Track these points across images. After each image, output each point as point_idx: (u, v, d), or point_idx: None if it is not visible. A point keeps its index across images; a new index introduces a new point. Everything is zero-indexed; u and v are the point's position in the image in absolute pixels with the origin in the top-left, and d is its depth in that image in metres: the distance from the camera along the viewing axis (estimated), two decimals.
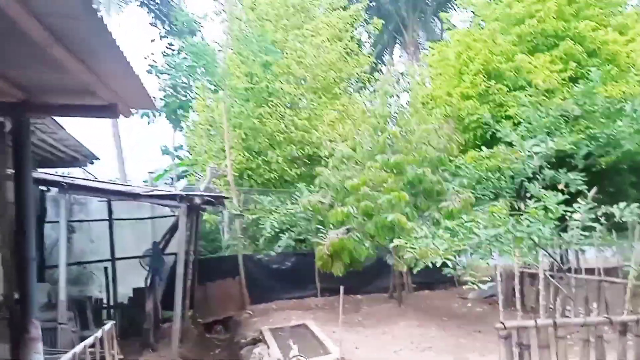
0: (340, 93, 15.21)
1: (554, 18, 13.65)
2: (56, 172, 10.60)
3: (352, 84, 16.73)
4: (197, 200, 10.07)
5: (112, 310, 11.57)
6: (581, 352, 5.74)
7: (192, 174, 17.27)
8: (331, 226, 11.09)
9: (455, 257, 9.14)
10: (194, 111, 16.02)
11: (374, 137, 11.82)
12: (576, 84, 11.93)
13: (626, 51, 13.36)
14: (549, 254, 8.83)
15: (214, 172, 13.08)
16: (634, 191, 12.59)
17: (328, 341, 8.51)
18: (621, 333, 5.93)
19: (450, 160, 12.12)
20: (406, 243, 8.98)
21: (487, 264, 9.03)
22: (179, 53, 18.29)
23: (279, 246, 11.93)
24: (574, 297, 8.84)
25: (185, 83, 15.84)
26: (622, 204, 7.85)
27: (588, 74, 11.80)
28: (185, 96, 15.90)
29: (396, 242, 9.15)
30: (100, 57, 4.12)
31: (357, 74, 16.12)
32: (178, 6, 22.50)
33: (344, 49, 15.61)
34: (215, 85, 15.84)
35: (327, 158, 12.43)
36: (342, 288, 8.54)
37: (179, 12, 20.88)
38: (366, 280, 13.06)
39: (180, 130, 17.00)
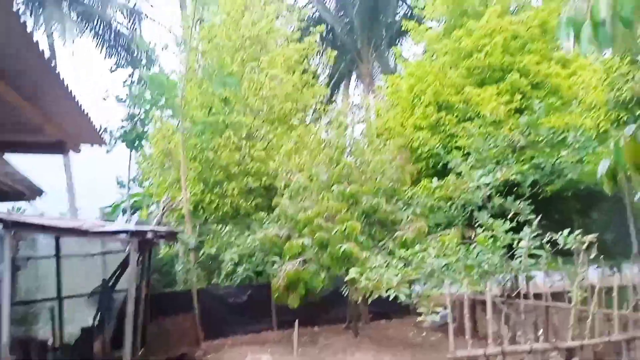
0: (296, 124, 15.34)
1: (500, 52, 14.29)
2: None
3: (308, 115, 16.92)
4: (149, 235, 9.83)
5: (58, 352, 11.04)
6: None
7: (146, 207, 16.94)
8: (288, 257, 11.04)
9: (409, 286, 9.24)
10: (149, 142, 15.82)
11: (330, 167, 11.94)
12: (522, 115, 12.44)
13: (568, 84, 14.05)
14: (499, 281, 9.03)
15: (168, 204, 12.86)
16: (578, 218, 13.10)
17: None
18: (567, 358, 6.08)
19: (404, 190, 12.34)
20: (361, 273, 9.04)
21: (440, 293, 9.15)
22: (138, 83, 18.16)
23: (235, 279, 11.76)
24: (524, 322, 9.01)
25: (145, 113, 15.70)
26: (565, 232, 8.16)
27: (533, 105, 12.34)
28: (143, 127, 15.74)
29: (351, 272, 9.19)
30: (47, 95, 4.08)
31: (313, 104, 16.34)
32: (135, 37, 22.40)
33: (300, 80, 15.83)
34: (173, 116, 15.75)
35: (284, 189, 12.45)
36: (297, 322, 8.46)
37: (140, 41, 20.79)
38: (323, 311, 12.97)
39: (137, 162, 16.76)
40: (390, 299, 8.50)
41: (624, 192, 10.03)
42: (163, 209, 12.74)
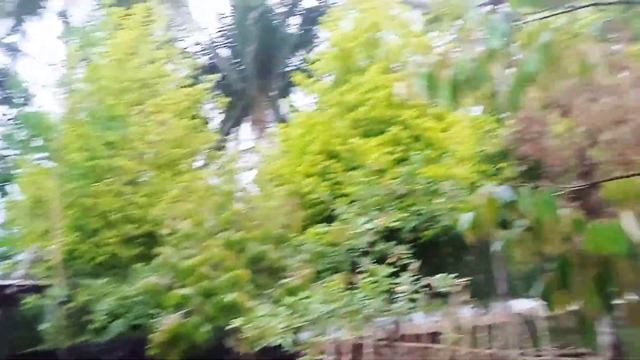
0: (184, 169, 14.98)
1: (383, 106, 15.19)
2: None
3: (198, 160, 16.63)
4: (11, 290, 8.88)
5: None
6: None
7: (10, 257, 15.33)
8: (169, 309, 10.48)
9: (295, 333, 9.15)
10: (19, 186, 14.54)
11: (217, 214, 11.70)
12: (402, 165, 13.20)
13: (443, 137, 15.20)
14: (381, 325, 9.24)
15: (36, 255, 11.75)
16: (453, 261, 13.96)
17: None
18: None
19: (293, 237, 12.40)
20: (246, 323, 8.82)
21: (325, 339, 9.16)
22: (13, 122, 16.80)
23: (109, 334, 10.88)
24: None
25: (17, 154, 14.49)
26: (439, 275, 8.65)
27: (412, 156, 13.16)
28: (15, 169, 14.49)
29: (236, 322, 8.94)
30: None
31: (203, 150, 16.11)
32: (11, 74, 20.91)
33: (190, 125, 15.58)
34: (49, 159, 14.67)
35: (168, 236, 11.95)
36: None
37: (15, 80, 19.39)
38: None
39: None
40: (276, 349, 8.35)
41: (489, 239, 10.91)
42: (31, 260, 11.60)
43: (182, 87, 16.53)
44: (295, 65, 27.18)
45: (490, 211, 2.99)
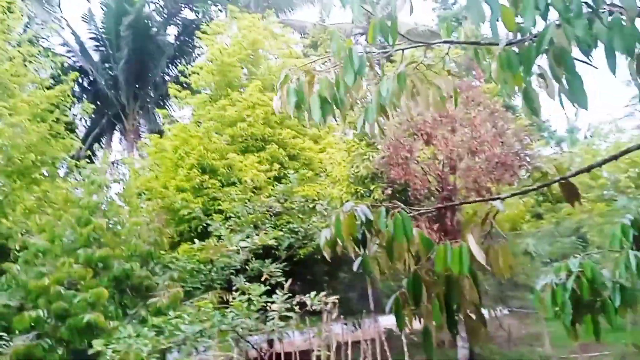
0: (41, 178, 13.60)
1: (262, 124, 15.25)
2: None
3: (57, 169, 15.22)
4: None
5: None
6: None
7: None
8: (18, 332, 9.37)
9: (162, 356, 8.67)
10: None
11: (77, 229, 10.75)
12: (279, 183, 13.31)
13: (319, 158, 15.65)
14: (251, 345, 9.12)
15: None
16: (327, 279, 14.34)
17: None
18: None
19: (162, 254, 11.83)
20: (107, 345, 8.17)
21: None
22: None
23: None
24: None
25: None
26: (313, 293, 8.79)
27: (289, 175, 13.33)
28: None
29: (95, 345, 8.24)
30: None
31: (64, 158, 14.78)
32: None
33: (49, 130, 14.21)
34: None
35: (19, 252, 10.71)
36: None
37: None
38: None
39: None
40: None
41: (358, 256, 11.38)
42: None
43: (42, 88, 15.10)
44: (172, 76, 26.32)
45: (349, 229, 3.14)
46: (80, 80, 23.09)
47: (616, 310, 3.31)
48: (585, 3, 2.42)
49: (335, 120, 3.33)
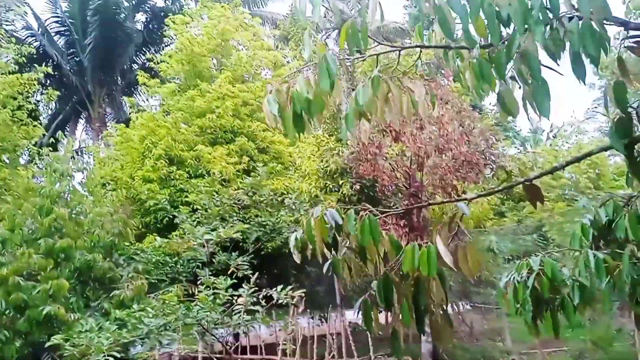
0: (1, 165, 13.15)
1: (231, 116, 15.11)
2: None
3: (18, 156, 14.75)
4: None
5: None
6: None
7: None
8: None
9: (125, 349, 8.53)
10: None
11: (38, 218, 10.44)
12: (248, 176, 13.22)
13: (289, 152, 15.61)
14: (216, 338, 9.07)
15: None
16: (295, 272, 14.33)
17: None
18: None
19: (128, 245, 11.61)
20: (66, 339, 7.99)
21: (156, 354, 8.71)
22: None
23: None
24: None
25: None
26: (279, 287, 8.79)
27: (257, 168, 13.25)
28: None
29: (54, 339, 8.04)
30: None
31: (26, 145, 14.33)
32: None
33: (11, 117, 13.75)
34: None
35: None
36: None
37: None
38: None
39: None
40: None
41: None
42: None
43: (4, 73, 14.58)
44: (140, 64, 25.75)
45: (320, 232, 3.17)
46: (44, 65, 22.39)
47: (575, 308, 3.44)
48: (548, 9, 2.49)
49: (311, 128, 3.36)
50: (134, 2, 26.52)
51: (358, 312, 3.26)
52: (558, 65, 2.67)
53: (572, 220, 12.13)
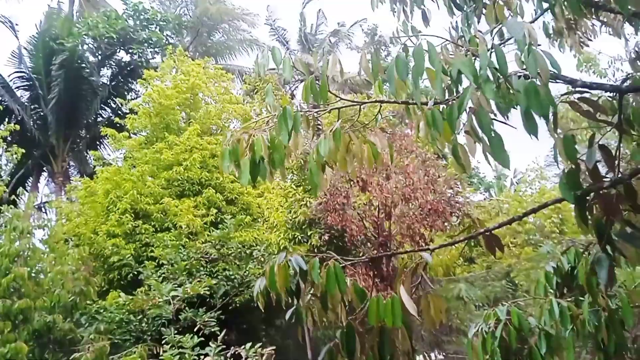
0: None
1: (199, 168, 15.06)
2: None
3: None
4: None
5: None
6: None
7: None
8: None
9: None
10: None
11: None
12: (216, 229, 13.06)
13: (257, 202, 15.55)
14: None
15: None
16: (264, 326, 13.99)
17: None
18: None
19: (90, 304, 11.18)
20: None
21: None
22: None
23: None
24: None
25: None
26: (248, 345, 8.54)
27: (225, 220, 13.12)
28: None
29: None
30: None
31: None
32: None
33: None
34: None
35: None
36: None
37: None
38: None
39: None
40: None
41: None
42: None
43: None
44: (105, 118, 25.62)
45: (283, 280, 3.17)
46: (6, 121, 22.11)
47: (542, 357, 3.45)
48: (496, 69, 2.63)
49: (272, 177, 3.43)
50: (99, 57, 26.65)
51: None
52: (507, 119, 2.80)
53: (538, 265, 12.34)
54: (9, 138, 22.32)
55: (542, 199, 16.85)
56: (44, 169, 25.61)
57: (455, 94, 2.92)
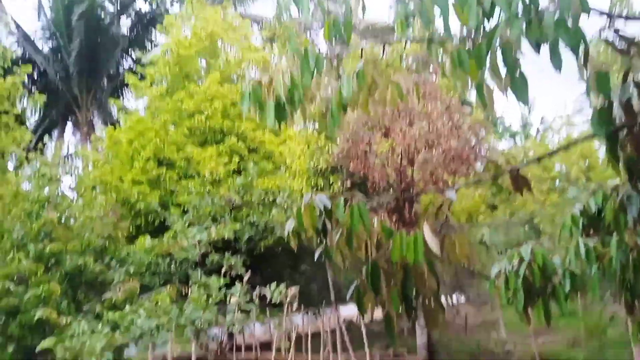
0: None
1: (220, 117, 15.03)
2: None
3: (6, 162, 14.57)
4: None
5: None
6: None
7: None
8: None
9: (119, 351, 8.49)
10: None
11: (27, 223, 10.36)
12: (239, 176, 13.18)
13: (279, 150, 15.56)
14: (213, 336, 9.05)
15: None
16: (288, 271, 14.31)
17: None
18: None
19: (118, 248, 11.53)
20: (58, 342, 7.93)
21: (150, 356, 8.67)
22: None
23: None
24: None
25: None
26: (273, 285, 8.78)
27: (249, 167, 13.21)
28: None
29: (45, 343, 7.98)
30: None
31: (14, 151, 14.15)
32: None
33: None
34: None
35: None
36: None
37: None
38: None
39: None
40: None
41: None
42: None
43: None
44: (127, 67, 25.59)
45: (310, 218, 3.16)
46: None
47: (566, 296, 3.45)
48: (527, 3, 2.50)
49: (293, 119, 3.37)
50: (118, 8, 26.38)
51: (351, 299, 3.24)
52: (538, 54, 2.68)
53: (563, 211, 12.22)
54: (33, 89, 22.66)
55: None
56: (69, 119, 25.97)
57: (482, 32, 2.80)
